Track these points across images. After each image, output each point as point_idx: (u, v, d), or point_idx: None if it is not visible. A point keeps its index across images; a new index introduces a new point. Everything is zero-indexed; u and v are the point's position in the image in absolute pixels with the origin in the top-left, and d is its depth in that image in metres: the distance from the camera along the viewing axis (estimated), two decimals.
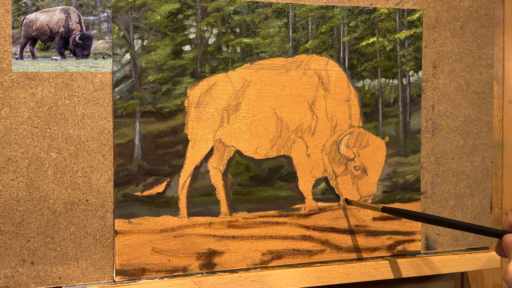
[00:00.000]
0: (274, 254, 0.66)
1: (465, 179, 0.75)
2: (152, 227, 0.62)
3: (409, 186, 0.72)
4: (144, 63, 0.61)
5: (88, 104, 0.59)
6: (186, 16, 0.62)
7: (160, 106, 0.62)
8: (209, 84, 0.64)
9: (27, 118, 0.57)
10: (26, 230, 0.58)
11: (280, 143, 0.67)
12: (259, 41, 0.65)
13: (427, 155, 0.73)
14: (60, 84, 0.58)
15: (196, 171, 0.64)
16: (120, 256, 0.60)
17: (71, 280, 0.59)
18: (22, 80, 0.57)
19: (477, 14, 0.75)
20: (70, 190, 0.59)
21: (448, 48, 0.73)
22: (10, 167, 0.57)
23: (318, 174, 0.68)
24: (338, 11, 0.68)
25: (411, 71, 0.72)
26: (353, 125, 0.69)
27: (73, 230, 0.59)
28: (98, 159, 0.60)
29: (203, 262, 0.64)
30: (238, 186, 0.65)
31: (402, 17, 0.71)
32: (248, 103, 0.65)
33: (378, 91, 0.70)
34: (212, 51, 0.63)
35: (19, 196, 0.57)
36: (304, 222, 0.68)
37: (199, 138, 0.63)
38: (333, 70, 0.68)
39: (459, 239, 0.75)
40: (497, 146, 0.76)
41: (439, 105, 0.73)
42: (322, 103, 0.68)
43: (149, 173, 0.61)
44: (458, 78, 0.74)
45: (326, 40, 0.68)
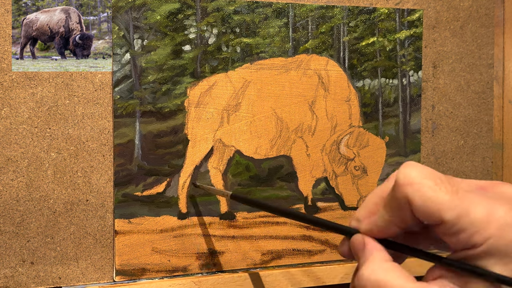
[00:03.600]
0: (274, 254, 0.66)
1: (465, 179, 0.75)
2: (152, 227, 0.62)
3: None
4: (144, 63, 0.61)
5: (88, 104, 0.59)
6: (186, 16, 0.62)
7: (160, 106, 0.62)
8: (209, 84, 0.64)
9: (27, 118, 0.57)
10: (26, 230, 0.58)
11: (280, 143, 0.67)
12: (259, 41, 0.65)
13: (427, 155, 0.73)
14: (60, 84, 0.58)
15: (196, 171, 0.64)
16: (120, 256, 0.60)
17: (71, 280, 0.59)
18: (22, 80, 0.57)
19: (477, 14, 0.75)
20: (70, 190, 0.59)
21: (448, 48, 0.73)
22: (10, 167, 0.57)
23: (318, 174, 0.68)
24: (338, 11, 0.68)
25: (411, 71, 0.72)
26: (353, 125, 0.69)
27: (73, 230, 0.59)
28: (98, 159, 0.60)
29: (203, 262, 0.64)
30: (238, 186, 0.65)
31: (402, 17, 0.71)
32: (248, 103, 0.65)
33: (378, 91, 0.70)
34: (212, 51, 0.63)
35: (19, 196, 0.57)
36: (304, 222, 0.68)
37: (199, 138, 0.63)
38: (333, 70, 0.68)
39: None
40: (497, 146, 0.76)
41: (439, 105, 0.73)
42: (322, 103, 0.68)
43: (149, 173, 0.61)
44: (458, 78, 0.74)
45: (326, 40, 0.68)
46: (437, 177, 0.39)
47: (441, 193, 0.38)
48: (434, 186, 0.39)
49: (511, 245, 0.38)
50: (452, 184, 0.39)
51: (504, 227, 0.37)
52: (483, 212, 0.38)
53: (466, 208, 0.38)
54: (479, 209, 0.38)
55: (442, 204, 0.38)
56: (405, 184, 0.39)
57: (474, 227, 0.38)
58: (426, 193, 0.38)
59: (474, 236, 0.38)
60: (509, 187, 0.41)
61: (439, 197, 0.38)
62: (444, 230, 0.39)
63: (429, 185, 0.39)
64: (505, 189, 0.41)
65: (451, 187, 0.39)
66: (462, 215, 0.38)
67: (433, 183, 0.39)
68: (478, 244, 0.38)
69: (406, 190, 0.39)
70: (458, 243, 0.39)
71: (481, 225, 0.38)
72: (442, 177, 0.40)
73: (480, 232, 0.38)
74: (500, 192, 0.41)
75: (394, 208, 0.41)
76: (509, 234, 0.38)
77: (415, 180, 0.39)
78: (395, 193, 0.40)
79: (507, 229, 0.38)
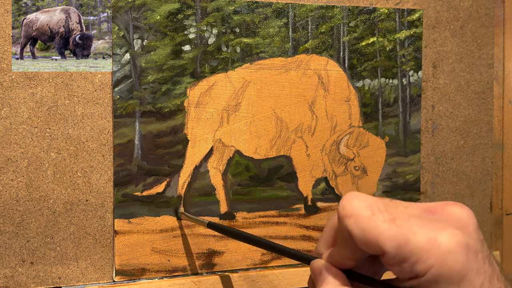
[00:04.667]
0: (274, 254, 0.66)
1: (465, 179, 0.75)
2: (152, 227, 0.62)
3: (409, 186, 0.72)
4: (143, 63, 0.61)
5: (87, 104, 0.59)
6: (186, 16, 0.62)
7: (159, 106, 0.62)
8: (209, 84, 0.64)
9: (26, 118, 0.57)
10: (26, 230, 0.58)
11: (280, 143, 0.67)
12: (259, 41, 0.65)
13: (427, 155, 0.73)
14: (59, 84, 0.58)
15: (195, 171, 0.63)
16: (120, 256, 0.60)
17: (70, 280, 0.59)
18: (22, 80, 0.57)
19: (477, 14, 0.75)
20: (69, 190, 0.59)
21: (448, 48, 0.73)
22: (9, 167, 0.57)
23: (318, 174, 0.68)
24: (338, 11, 0.68)
25: (411, 71, 0.72)
26: (353, 125, 0.69)
27: (73, 230, 0.59)
28: (98, 159, 0.60)
29: (203, 262, 0.64)
30: (238, 186, 0.65)
31: (402, 17, 0.71)
32: (247, 103, 0.65)
33: (378, 91, 0.70)
34: (212, 51, 0.63)
35: (19, 196, 0.57)
36: (304, 222, 0.68)
37: (199, 138, 0.63)
38: (333, 70, 0.68)
39: None
40: (497, 146, 0.76)
41: (439, 105, 0.73)
42: (322, 103, 0.68)
43: (148, 173, 0.61)
44: (458, 78, 0.74)
45: (326, 40, 0.68)
46: (375, 206, 0.38)
47: (379, 223, 0.37)
48: (371, 216, 0.37)
49: (455, 272, 0.36)
50: (390, 212, 0.38)
51: (446, 254, 0.36)
52: (423, 240, 0.36)
53: (405, 237, 0.36)
54: (419, 237, 0.36)
55: (380, 234, 0.37)
56: (344, 216, 0.38)
57: (415, 256, 0.36)
58: (363, 223, 0.37)
59: (416, 265, 0.36)
60: (459, 208, 0.39)
61: (376, 226, 0.37)
62: (387, 260, 0.37)
63: (366, 215, 0.37)
64: (454, 210, 0.39)
65: (389, 216, 0.37)
66: (401, 244, 0.36)
67: (370, 213, 0.37)
68: (421, 273, 0.36)
69: (345, 222, 0.38)
70: (402, 272, 0.37)
71: (421, 254, 0.36)
72: (380, 206, 0.38)
73: (421, 260, 0.36)
74: (447, 214, 0.39)
75: (342, 241, 0.40)
76: (451, 261, 0.36)
77: (353, 212, 0.38)
78: (339, 226, 0.39)
79: (450, 256, 0.36)
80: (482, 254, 0.37)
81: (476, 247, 0.37)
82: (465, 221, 0.38)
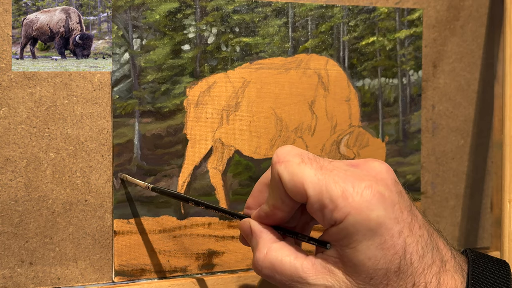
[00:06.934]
0: None
1: (465, 179, 0.74)
2: (151, 227, 0.62)
3: (409, 186, 0.72)
4: (143, 63, 0.61)
5: (87, 104, 0.59)
6: (185, 15, 0.62)
7: (159, 106, 0.62)
8: (209, 83, 0.63)
9: (25, 118, 0.57)
10: (25, 231, 0.58)
11: (280, 143, 0.67)
12: (258, 41, 0.65)
13: (427, 155, 0.73)
14: (58, 84, 0.58)
15: (195, 171, 0.63)
16: (119, 256, 0.60)
17: (70, 280, 0.59)
18: (21, 80, 0.57)
19: (477, 13, 0.74)
20: (68, 190, 0.59)
21: (448, 47, 0.73)
22: (8, 167, 0.57)
23: None
24: (337, 10, 0.68)
25: (411, 71, 0.71)
26: (353, 124, 0.69)
27: (72, 230, 0.59)
28: (97, 159, 0.59)
29: (203, 262, 0.64)
30: (237, 186, 0.65)
31: (402, 16, 0.71)
32: (247, 102, 0.65)
33: (378, 91, 0.70)
34: (211, 51, 0.63)
35: (18, 196, 0.57)
36: None
37: (198, 138, 0.63)
38: (333, 69, 0.68)
39: (460, 239, 0.75)
40: (497, 146, 0.76)
41: (439, 105, 0.73)
42: (322, 103, 0.68)
43: (148, 173, 0.61)
44: (459, 77, 0.74)
45: (326, 39, 0.68)
46: (305, 156, 0.42)
47: (306, 168, 0.40)
48: (300, 162, 0.41)
49: (371, 220, 0.38)
50: (317, 161, 0.42)
51: (361, 203, 0.39)
52: (341, 188, 0.39)
53: (327, 184, 0.39)
54: (339, 186, 0.39)
55: (306, 178, 0.40)
56: (276, 162, 0.42)
57: (333, 204, 0.39)
58: (292, 168, 0.41)
59: (334, 212, 0.39)
60: (379, 163, 0.42)
61: (303, 172, 0.40)
62: (310, 206, 0.40)
63: (296, 162, 0.41)
64: (374, 165, 0.42)
65: (316, 164, 0.41)
66: (323, 191, 0.39)
67: (300, 160, 0.41)
68: (338, 220, 0.39)
69: (277, 167, 0.42)
70: (324, 220, 0.40)
71: (339, 202, 0.39)
72: (310, 156, 0.42)
73: (339, 208, 0.39)
74: (368, 168, 0.42)
75: (273, 189, 0.43)
76: (366, 209, 0.38)
77: (285, 158, 0.42)
78: (271, 173, 0.43)
79: (364, 204, 0.39)
80: (400, 205, 0.40)
81: (392, 198, 0.40)
82: (384, 174, 0.41)
